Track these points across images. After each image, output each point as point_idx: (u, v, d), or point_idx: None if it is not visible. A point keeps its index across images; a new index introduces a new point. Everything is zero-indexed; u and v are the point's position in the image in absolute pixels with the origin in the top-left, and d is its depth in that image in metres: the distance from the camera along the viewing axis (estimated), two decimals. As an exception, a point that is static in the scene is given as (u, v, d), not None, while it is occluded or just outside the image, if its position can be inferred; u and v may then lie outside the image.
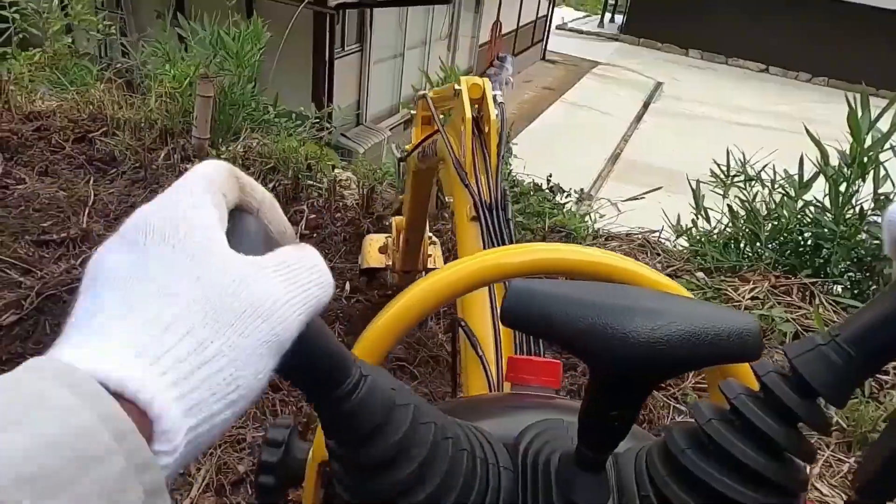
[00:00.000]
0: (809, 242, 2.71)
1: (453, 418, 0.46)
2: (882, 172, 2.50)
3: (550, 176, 3.26)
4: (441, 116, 1.65)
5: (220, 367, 0.28)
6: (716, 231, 2.99)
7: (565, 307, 0.37)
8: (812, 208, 2.68)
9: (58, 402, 0.23)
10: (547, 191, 3.16)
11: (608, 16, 19.56)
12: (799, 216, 2.72)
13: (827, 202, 2.62)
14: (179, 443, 0.26)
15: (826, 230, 2.56)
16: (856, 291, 2.53)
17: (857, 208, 2.55)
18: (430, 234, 2.34)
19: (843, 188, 2.54)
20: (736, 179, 2.95)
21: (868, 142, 2.41)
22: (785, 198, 2.78)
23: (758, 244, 2.76)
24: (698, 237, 3.01)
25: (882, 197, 2.45)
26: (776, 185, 2.84)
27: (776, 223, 2.77)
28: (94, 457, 0.23)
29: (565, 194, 3.21)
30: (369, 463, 0.40)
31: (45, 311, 2.05)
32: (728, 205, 2.95)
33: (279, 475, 0.56)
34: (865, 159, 2.44)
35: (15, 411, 0.23)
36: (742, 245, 2.85)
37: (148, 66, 3.95)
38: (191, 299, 0.29)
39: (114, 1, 8.63)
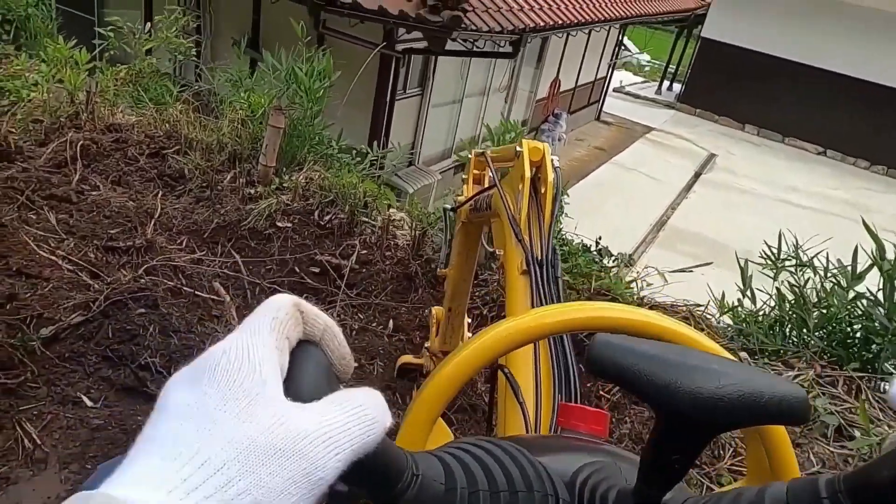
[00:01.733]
0: (859, 335, 2.66)
1: (516, 449, 0.50)
2: (940, 272, 2.46)
3: (599, 238, 3.29)
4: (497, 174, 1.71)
5: None
6: (762, 312, 2.97)
7: (643, 362, 0.42)
8: (864, 301, 2.65)
9: None
10: (595, 252, 3.18)
11: (666, 83, 19.71)
12: (850, 307, 2.68)
13: (881, 296, 2.58)
14: None
15: (877, 324, 2.52)
16: (904, 391, 2.47)
17: (912, 306, 2.51)
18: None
19: (897, 284, 2.51)
20: (787, 264, 2.94)
21: (927, 240, 2.38)
22: (836, 287, 2.75)
23: (805, 330, 2.73)
24: (744, 316, 2.99)
25: (938, 298, 2.42)
26: (828, 274, 2.82)
27: (825, 311, 2.74)
28: None
29: (612, 258, 3.24)
30: None
31: (109, 315, 2.15)
32: (777, 287, 2.93)
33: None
34: (923, 257, 2.42)
35: None
36: (788, 329, 2.82)
37: (223, 92, 4.16)
38: (230, 438, 0.31)
39: (193, 27, 9.10)
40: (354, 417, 0.35)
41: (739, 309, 3.03)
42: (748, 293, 3.01)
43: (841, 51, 14.44)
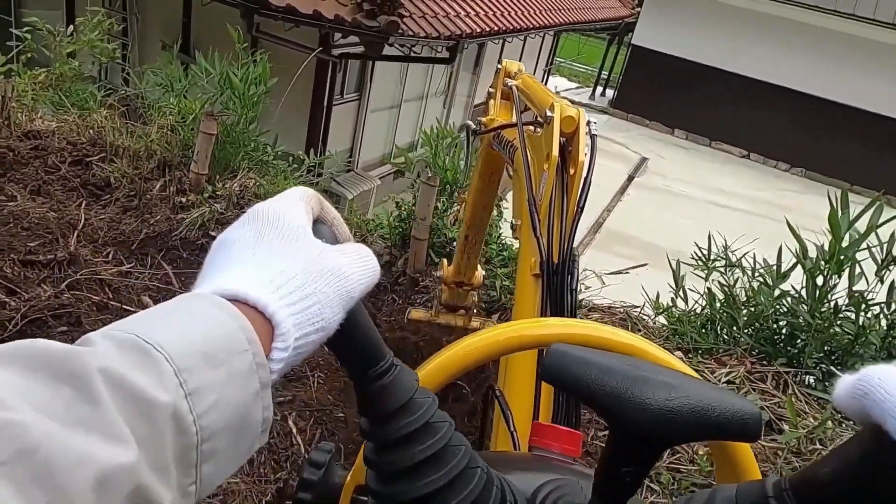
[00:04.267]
0: (785, 331, 2.78)
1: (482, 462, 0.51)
2: (857, 270, 2.59)
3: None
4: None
5: (314, 303, 0.41)
6: (694, 312, 3.06)
7: (595, 372, 0.43)
8: (789, 298, 2.76)
9: (214, 315, 0.37)
10: (534, 257, 3.21)
11: (600, 89, 20.20)
12: (776, 305, 2.80)
13: (804, 293, 2.70)
14: (290, 344, 0.40)
15: (801, 321, 2.64)
16: (827, 384, 2.59)
17: (833, 303, 2.63)
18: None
19: (819, 281, 2.63)
20: (717, 264, 3.04)
21: (846, 241, 2.51)
22: (763, 285, 2.86)
23: (735, 328, 2.83)
24: (677, 316, 3.07)
25: (856, 294, 2.54)
26: (755, 273, 2.93)
27: (753, 310, 2.85)
28: (236, 350, 0.36)
29: (552, 262, 3.27)
30: (390, 440, 0.48)
31: (28, 334, 2.02)
32: (707, 287, 3.02)
33: (316, 493, 0.61)
34: (843, 257, 2.54)
35: (188, 316, 0.37)
36: (719, 328, 2.91)
37: (151, 96, 4.00)
38: (296, 257, 0.43)
39: (119, 29, 8.75)
40: (367, 260, 0.47)
41: (673, 309, 3.12)
42: (681, 293, 3.10)
43: (761, 59, 15.15)
